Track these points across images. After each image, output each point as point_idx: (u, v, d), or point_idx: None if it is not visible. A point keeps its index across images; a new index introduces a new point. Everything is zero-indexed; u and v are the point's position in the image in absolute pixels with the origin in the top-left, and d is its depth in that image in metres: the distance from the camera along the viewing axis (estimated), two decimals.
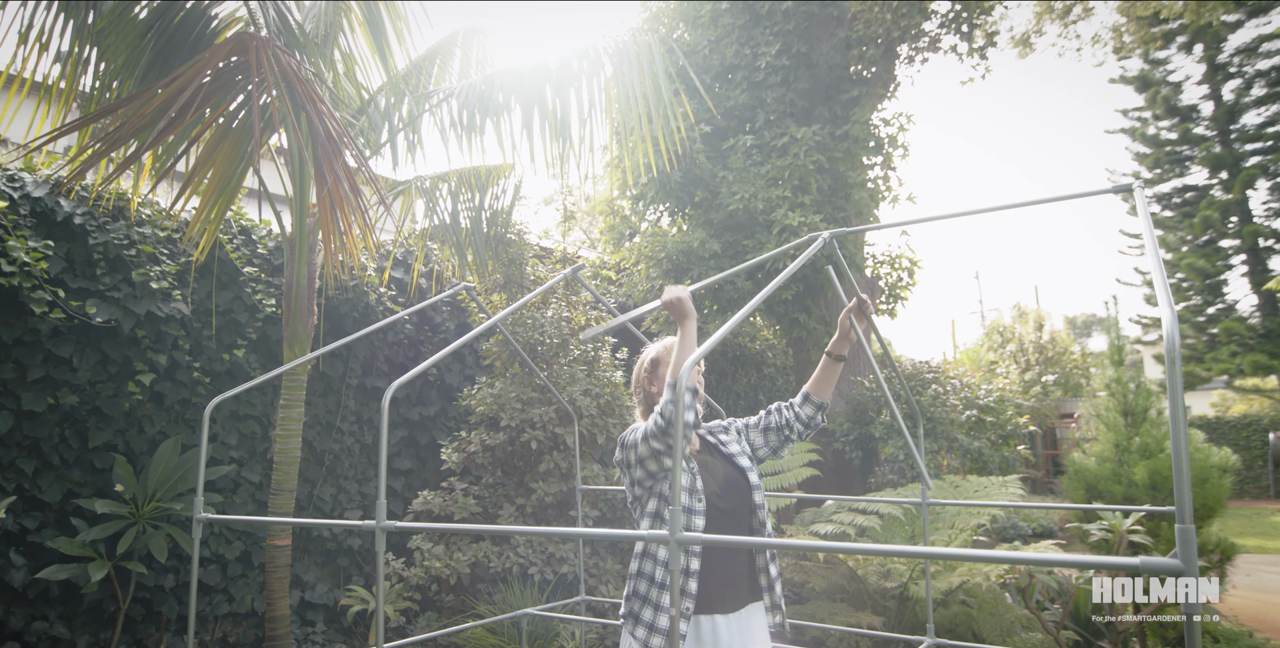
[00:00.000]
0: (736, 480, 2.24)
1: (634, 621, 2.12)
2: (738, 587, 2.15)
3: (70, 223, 4.25)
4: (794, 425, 2.37)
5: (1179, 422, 1.30)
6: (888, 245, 8.92)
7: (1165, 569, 1.21)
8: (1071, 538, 7.22)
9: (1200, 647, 1.26)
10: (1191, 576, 1.19)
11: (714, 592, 2.10)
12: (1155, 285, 1.57)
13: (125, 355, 4.37)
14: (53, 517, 4.13)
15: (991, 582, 4.39)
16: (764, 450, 2.40)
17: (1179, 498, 1.26)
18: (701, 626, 2.07)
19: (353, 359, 5.54)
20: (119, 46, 3.54)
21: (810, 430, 2.38)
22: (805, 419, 2.36)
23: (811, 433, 2.39)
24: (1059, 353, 17.96)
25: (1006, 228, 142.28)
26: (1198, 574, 1.20)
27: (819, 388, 2.36)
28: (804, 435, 2.39)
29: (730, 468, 2.27)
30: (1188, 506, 1.25)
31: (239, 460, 4.87)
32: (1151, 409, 5.55)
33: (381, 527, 2.08)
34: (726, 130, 8.06)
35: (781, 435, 2.38)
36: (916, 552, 1.49)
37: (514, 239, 5.44)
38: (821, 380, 2.36)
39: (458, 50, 4.98)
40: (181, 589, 4.48)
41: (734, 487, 2.23)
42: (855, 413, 7.90)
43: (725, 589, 2.12)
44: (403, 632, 4.95)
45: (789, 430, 2.38)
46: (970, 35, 8.77)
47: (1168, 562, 1.21)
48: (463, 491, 5.08)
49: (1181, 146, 22.49)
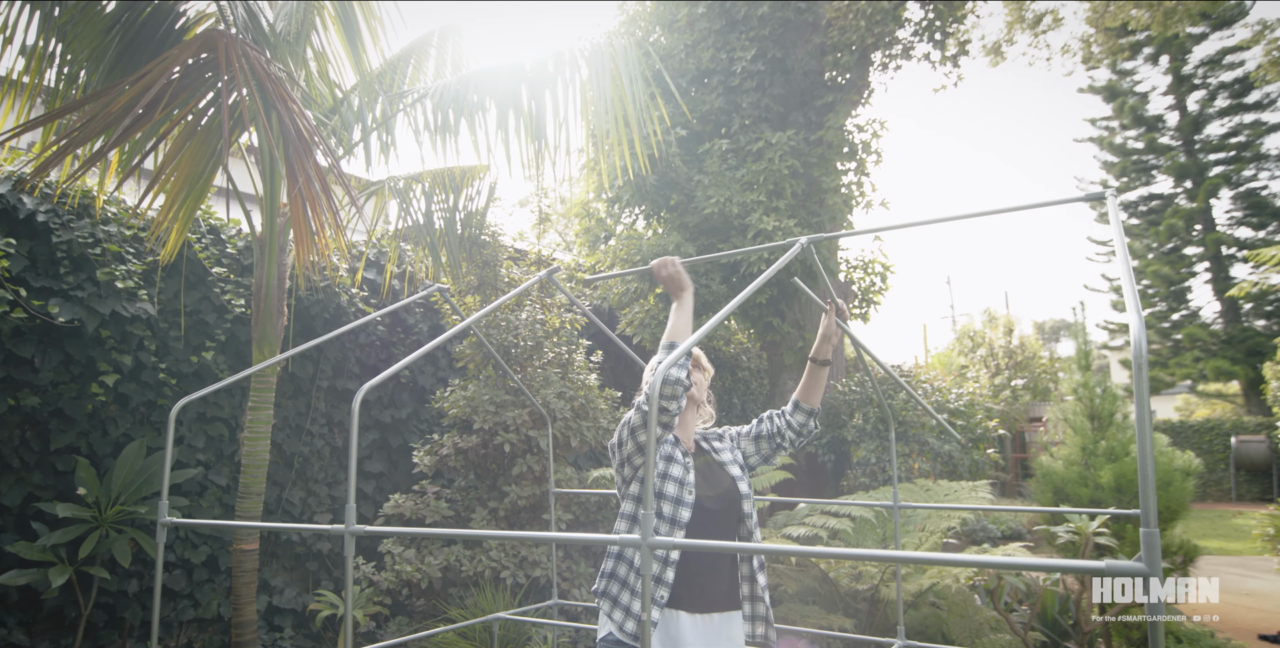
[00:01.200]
0: (728, 487, 2.25)
1: (611, 602, 2.15)
2: (712, 590, 2.15)
3: (33, 220, 4.16)
4: (785, 433, 2.38)
5: (1144, 426, 1.32)
6: (861, 250, 9.01)
7: (1130, 572, 1.22)
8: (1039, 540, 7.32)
9: (1163, 647, 1.27)
10: (1156, 578, 1.21)
11: (684, 590, 2.11)
12: (1124, 292, 1.59)
13: (89, 356, 4.28)
14: (12, 521, 4.03)
15: (961, 584, 4.44)
16: (755, 458, 2.41)
17: (1144, 502, 1.27)
18: (667, 619, 2.09)
19: (324, 361, 5.47)
20: (84, 41, 3.48)
21: (803, 438, 2.39)
22: (797, 427, 2.37)
23: (804, 441, 2.40)
24: (1028, 358, 18.21)
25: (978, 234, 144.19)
26: (1162, 577, 1.22)
27: (807, 395, 2.38)
28: (796, 443, 2.39)
29: (723, 475, 2.29)
30: (1152, 509, 1.26)
31: (206, 463, 4.79)
32: (1117, 414, 5.64)
33: (351, 531, 2.05)
34: (702, 134, 8.09)
35: (773, 443, 2.40)
36: (888, 556, 1.49)
37: (488, 241, 5.41)
38: (809, 387, 2.38)
39: (433, 50, 4.94)
40: (145, 595, 4.39)
41: (725, 492, 2.24)
42: (828, 416, 7.95)
43: (696, 590, 2.13)
44: (373, 637, 4.90)
45: (780, 438, 2.39)
46: (943, 43, 8.88)
47: (1132, 565, 1.23)
48: (435, 494, 5.04)
49: (1148, 156, 22.95)
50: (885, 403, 3.68)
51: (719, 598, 2.16)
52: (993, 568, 4.21)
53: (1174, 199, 22.24)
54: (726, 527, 2.22)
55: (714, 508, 2.19)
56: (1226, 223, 21.45)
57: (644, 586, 1.60)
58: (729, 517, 2.22)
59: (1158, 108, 22.57)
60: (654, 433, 1.66)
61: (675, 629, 2.09)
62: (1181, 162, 21.46)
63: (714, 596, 2.15)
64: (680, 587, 2.11)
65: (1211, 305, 21.92)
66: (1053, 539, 4.60)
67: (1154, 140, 22.40)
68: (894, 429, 3.56)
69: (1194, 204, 21.29)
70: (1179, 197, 22.11)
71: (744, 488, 2.26)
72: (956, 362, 18.74)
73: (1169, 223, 21.17)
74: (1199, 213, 21.23)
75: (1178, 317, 22.12)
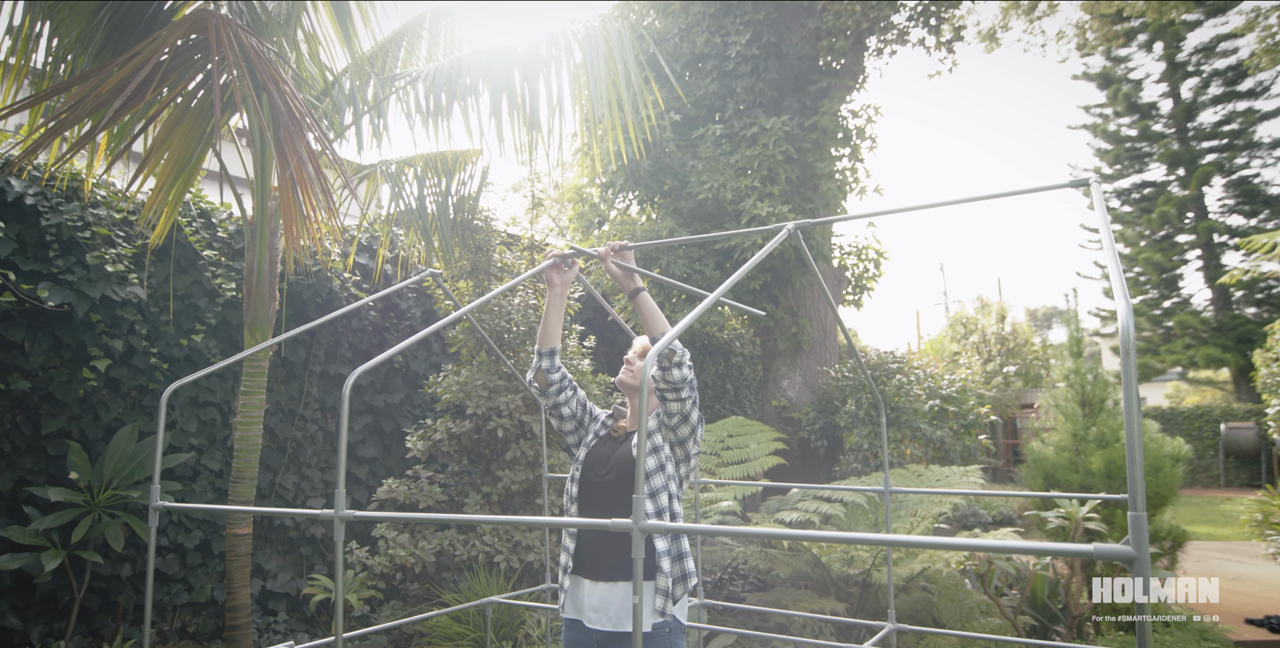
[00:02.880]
0: (618, 461, 2.32)
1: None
2: (607, 560, 2.23)
3: (21, 203, 4.12)
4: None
5: (1133, 412, 1.32)
6: (854, 236, 9.00)
7: (1118, 555, 1.23)
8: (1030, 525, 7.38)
9: (1149, 632, 1.29)
10: (1143, 562, 1.22)
11: (585, 558, 2.28)
12: (1111, 278, 1.60)
13: (79, 340, 4.26)
14: (4, 505, 4.03)
15: (952, 568, 4.47)
16: (663, 417, 2.30)
17: (1132, 486, 1.28)
18: (573, 585, 2.29)
19: (316, 346, 5.46)
20: (72, 22, 3.43)
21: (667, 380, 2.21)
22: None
23: (668, 380, 2.20)
24: (1020, 344, 18.27)
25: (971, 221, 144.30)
26: (1149, 560, 1.23)
27: (647, 327, 2.37)
28: (664, 389, 2.23)
29: (620, 450, 2.36)
30: (1141, 494, 1.27)
31: (198, 448, 4.79)
32: (1108, 400, 5.67)
33: (341, 516, 2.05)
34: (696, 119, 8.05)
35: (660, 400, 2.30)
36: (879, 539, 1.50)
37: (481, 225, 5.39)
38: (644, 320, 2.37)
39: (425, 33, 4.89)
40: (139, 579, 4.40)
41: (614, 465, 2.32)
42: (821, 402, 7.98)
43: (595, 558, 2.26)
44: (367, 621, 4.92)
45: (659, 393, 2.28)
46: (938, 29, 8.84)
47: (1120, 548, 1.23)
48: (428, 479, 5.05)
49: (1141, 143, 22.95)
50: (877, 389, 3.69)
51: (614, 568, 2.22)
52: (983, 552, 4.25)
53: (1166, 187, 22.27)
54: (621, 499, 2.24)
55: (602, 481, 2.30)
56: (1219, 211, 21.50)
57: (635, 570, 1.60)
58: (621, 489, 2.27)
59: (1151, 95, 22.54)
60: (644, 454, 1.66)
61: (577, 593, 2.27)
62: (1174, 149, 21.47)
63: (610, 565, 2.23)
64: (581, 554, 2.28)
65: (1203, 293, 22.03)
66: (1043, 524, 4.63)
67: (1147, 128, 22.40)
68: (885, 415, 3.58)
69: (1186, 192, 21.33)
70: (1171, 184, 22.14)
71: (649, 462, 2.24)
72: (949, 348, 18.81)
73: (1161, 210, 21.21)
74: (1191, 201, 21.28)
75: (1169, 304, 22.22)
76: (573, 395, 2.52)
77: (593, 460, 2.37)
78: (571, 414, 2.50)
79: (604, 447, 2.41)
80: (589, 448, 2.42)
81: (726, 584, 5.72)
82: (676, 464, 2.31)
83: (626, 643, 2.17)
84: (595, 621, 2.21)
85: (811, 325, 8.27)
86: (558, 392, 2.48)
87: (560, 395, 2.48)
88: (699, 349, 9.66)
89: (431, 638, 4.46)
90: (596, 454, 2.39)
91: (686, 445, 2.29)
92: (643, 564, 2.09)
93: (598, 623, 2.20)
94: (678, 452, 2.30)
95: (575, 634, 2.28)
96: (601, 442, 2.44)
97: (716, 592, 5.52)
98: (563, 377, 2.49)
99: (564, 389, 2.49)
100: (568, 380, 2.51)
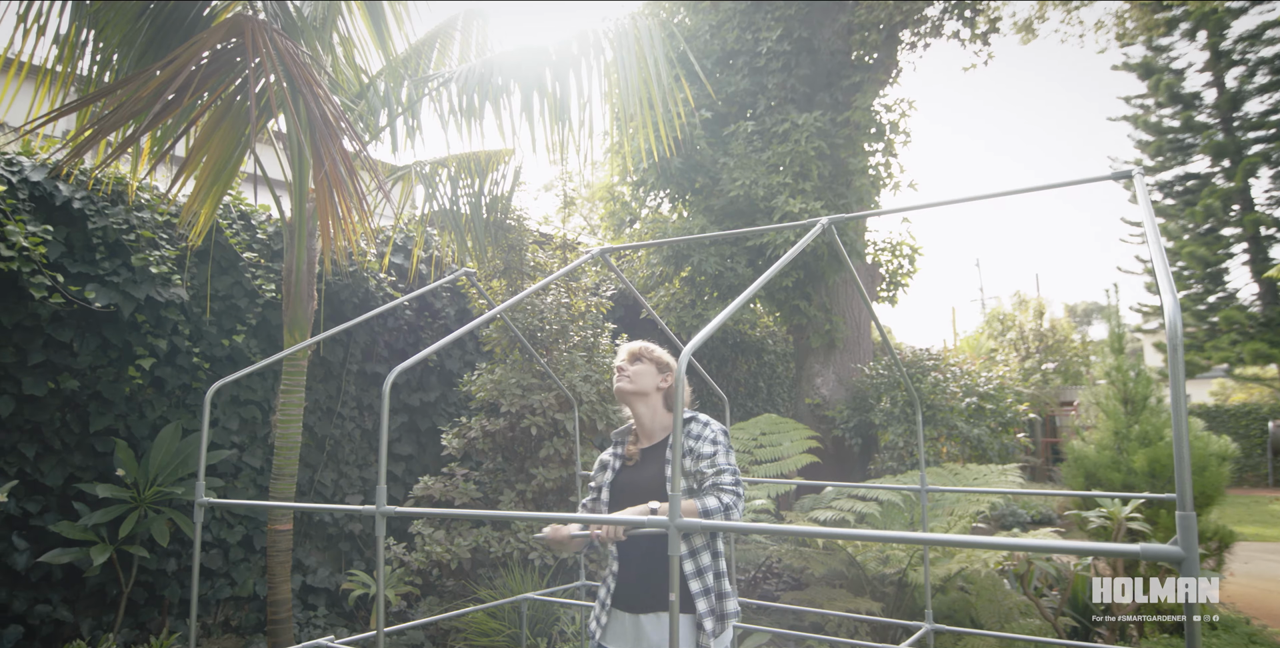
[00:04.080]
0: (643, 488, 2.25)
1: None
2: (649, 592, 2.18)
3: (69, 207, 4.23)
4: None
5: (1180, 409, 1.29)
6: (889, 232, 8.92)
7: (1165, 556, 1.21)
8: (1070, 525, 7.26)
9: (1199, 634, 1.26)
10: (1192, 562, 1.19)
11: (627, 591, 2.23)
12: (1156, 273, 1.56)
13: (125, 340, 4.36)
14: (55, 501, 4.14)
15: (990, 568, 4.41)
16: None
17: (1180, 485, 1.26)
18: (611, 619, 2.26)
19: (353, 345, 5.53)
20: (115, 28, 3.52)
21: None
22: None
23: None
24: (1059, 341, 17.96)
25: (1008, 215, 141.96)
26: (1198, 561, 1.20)
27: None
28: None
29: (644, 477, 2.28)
30: (1188, 492, 1.25)
31: (240, 445, 4.88)
32: (1151, 397, 5.55)
33: (382, 512, 2.08)
34: (727, 116, 8.02)
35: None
36: (915, 538, 1.49)
37: (514, 225, 5.42)
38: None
39: (457, 34, 4.94)
40: (183, 573, 4.49)
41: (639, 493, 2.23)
42: (855, 400, 7.91)
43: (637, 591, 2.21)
44: (404, 616, 4.98)
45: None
46: (973, 21, 8.71)
47: (1168, 549, 1.21)
48: (463, 476, 5.10)
49: (1184, 134, 22.38)
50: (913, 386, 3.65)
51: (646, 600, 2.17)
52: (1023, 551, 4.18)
53: (1211, 179, 21.68)
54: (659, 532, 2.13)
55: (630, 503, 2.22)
56: (1266, 203, 20.88)
57: (671, 567, 1.61)
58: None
59: (1195, 85, 21.93)
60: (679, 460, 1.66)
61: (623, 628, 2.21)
62: (1219, 140, 20.91)
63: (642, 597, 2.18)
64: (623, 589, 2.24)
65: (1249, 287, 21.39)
66: (1084, 524, 4.55)
67: (1190, 118, 21.83)
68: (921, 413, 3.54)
69: (1232, 184, 20.75)
70: (1216, 176, 21.55)
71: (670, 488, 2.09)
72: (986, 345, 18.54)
73: (1206, 203, 20.67)
74: (1237, 193, 20.70)
75: (1214, 299, 21.64)
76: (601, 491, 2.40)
77: (618, 493, 2.30)
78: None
79: (625, 476, 2.33)
80: (609, 486, 2.34)
81: (760, 583, 5.70)
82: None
83: None
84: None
85: (845, 323, 8.20)
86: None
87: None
88: (731, 346, 9.63)
89: (468, 634, 4.50)
90: (621, 486, 2.31)
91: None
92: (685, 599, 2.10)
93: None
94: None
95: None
96: (620, 473, 2.36)
97: (750, 590, 5.50)
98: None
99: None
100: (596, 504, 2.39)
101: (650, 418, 2.35)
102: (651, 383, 2.34)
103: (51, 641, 4.05)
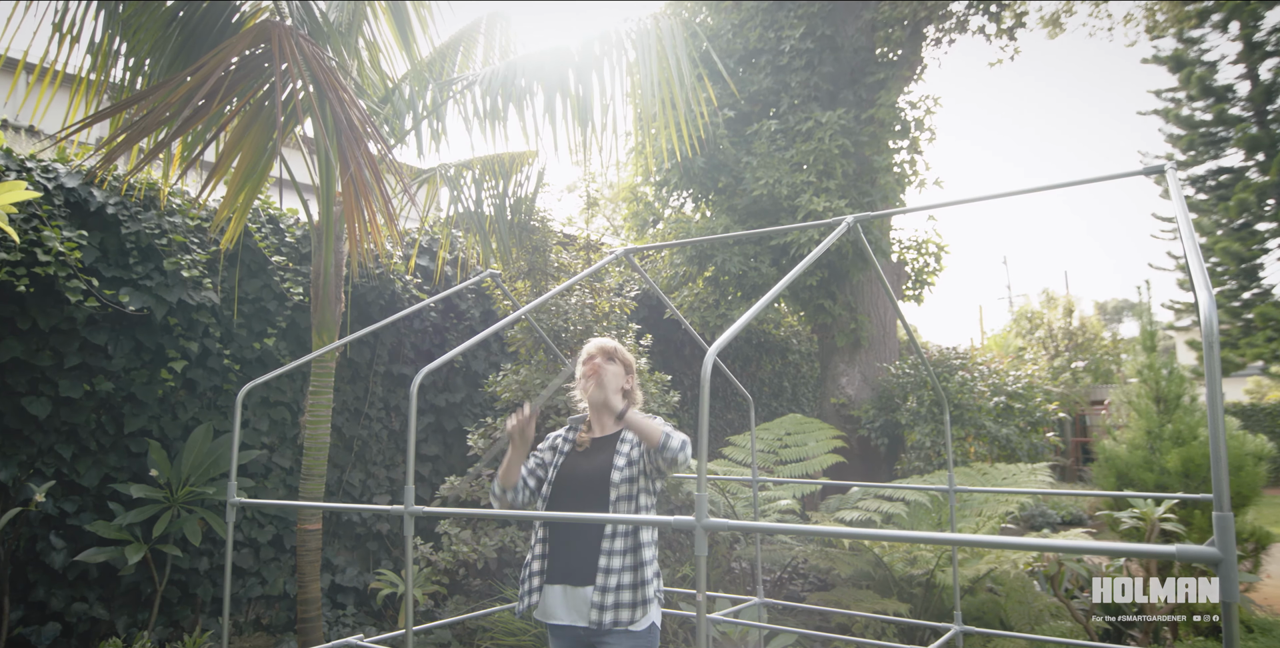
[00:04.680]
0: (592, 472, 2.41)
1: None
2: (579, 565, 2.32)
3: (103, 212, 4.32)
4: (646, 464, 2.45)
5: (1216, 407, 1.27)
6: (914, 230, 8.86)
7: (1202, 557, 1.19)
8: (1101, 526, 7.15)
9: (1238, 637, 1.24)
10: (1230, 564, 1.17)
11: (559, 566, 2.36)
12: (1191, 270, 1.54)
13: (158, 343, 4.44)
14: (91, 501, 4.22)
15: (1019, 570, 4.36)
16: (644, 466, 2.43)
17: (1216, 485, 1.23)
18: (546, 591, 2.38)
19: (379, 346, 5.58)
20: (146, 34, 3.58)
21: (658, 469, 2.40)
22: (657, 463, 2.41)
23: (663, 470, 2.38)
24: (1089, 339, 17.70)
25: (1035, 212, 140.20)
26: (1235, 562, 1.18)
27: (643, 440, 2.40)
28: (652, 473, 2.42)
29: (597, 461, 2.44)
30: (1225, 492, 1.22)
31: (270, 446, 4.94)
32: (1184, 396, 5.46)
33: (410, 512, 2.10)
34: (750, 115, 8.00)
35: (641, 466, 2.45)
36: (943, 538, 1.47)
37: (538, 226, 5.44)
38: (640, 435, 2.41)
39: (480, 37, 4.97)
40: (215, 572, 4.56)
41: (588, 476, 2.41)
42: (881, 399, 7.85)
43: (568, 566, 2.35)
44: (431, 615, 5.02)
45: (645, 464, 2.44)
46: (999, 16, 8.61)
47: (1205, 550, 1.19)
48: (489, 476, 5.12)
49: (1216, 128, 21.96)
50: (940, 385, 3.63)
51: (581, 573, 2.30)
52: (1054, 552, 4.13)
53: (1245, 173, 21.25)
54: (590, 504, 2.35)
55: (575, 488, 2.40)
56: None
57: (697, 567, 1.61)
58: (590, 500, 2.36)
59: (1227, 77, 21.49)
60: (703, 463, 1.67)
61: (555, 599, 2.33)
62: (1253, 133, 20.48)
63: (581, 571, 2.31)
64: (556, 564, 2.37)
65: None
66: (1116, 525, 4.48)
67: (1223, 112, 21.41)
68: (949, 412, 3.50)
69: (1266, 177, 20.33)
70: (1250, 170, 21.12)
71: (615, 476, 2.36)
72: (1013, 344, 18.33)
73: (1239, 198, 20.28)
74: (1272, 187, 20.27)
75: (1249, 295, 21.21)
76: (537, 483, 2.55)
77: (565, 476, 2.46)
78: (539, 481, 2.55)
79: (573, 461, 2.49)
80: (557, 468, 2.50)
81: (786, 584, 5.68)
82: (650, 480, 2.41)
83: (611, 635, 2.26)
84: (569, 620, 2.31)
85: (870, 321, 8.14)
86: (528, 500, 2.55)
87: (526, 494, 2.54)
88: (755, 346, 9.60)
89: (494, 634, 4.53)
90: (568, 470, 2.47)
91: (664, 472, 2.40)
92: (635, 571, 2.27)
93: (575, 621, 2.30)
94: (653, 473, 2.42)
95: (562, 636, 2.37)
96: (569, 458, 2.51)
97: (776, 591, 5.48)
98: (518, 492, 2.52)
99: (523, 490, 2.53)
100: (523, 483, 2.54)
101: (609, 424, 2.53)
102: (618, 384, 2.53)
103: (88, 638, 4.13)
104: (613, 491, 2.34)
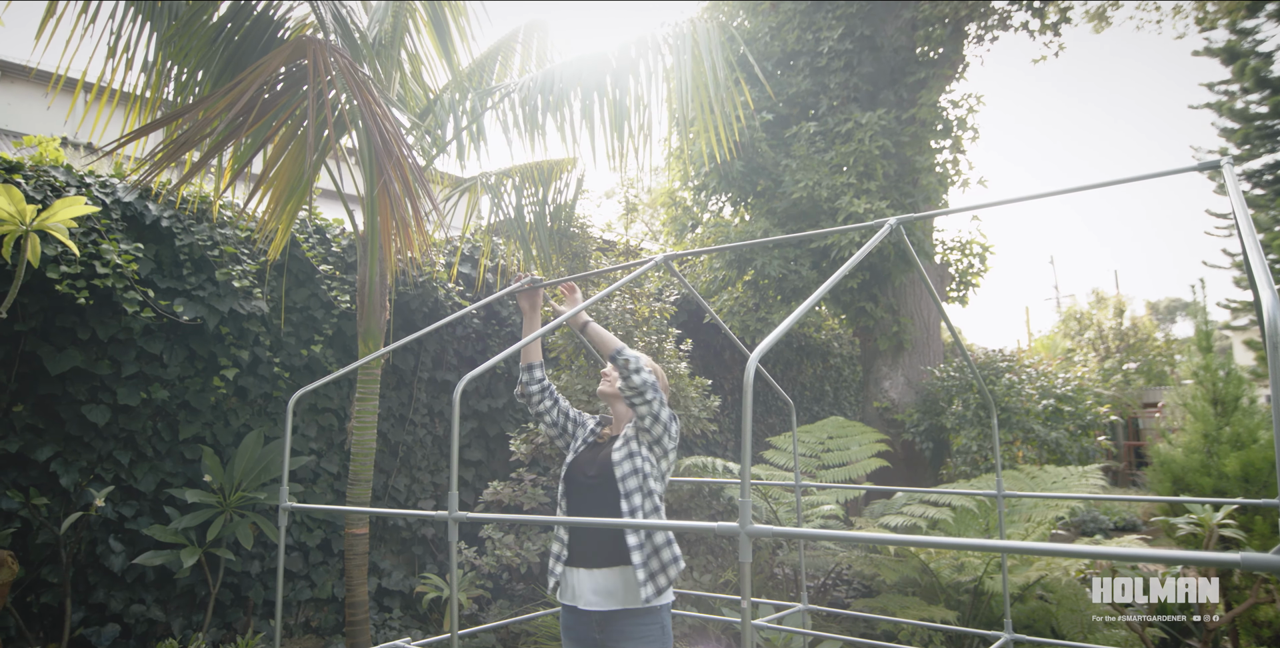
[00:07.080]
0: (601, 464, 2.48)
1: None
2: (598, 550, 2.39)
3: (158, 225, 4.45)
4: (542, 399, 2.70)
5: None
6: (958, 231, 8.76)
7: (1269, 566, 1.15)
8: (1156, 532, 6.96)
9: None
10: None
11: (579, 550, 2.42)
12: (1251, 267, 1.49)
13: (210, 352, 4.56)
14: (148, 505, 4.35)
15: (1071, 577, 4.26)
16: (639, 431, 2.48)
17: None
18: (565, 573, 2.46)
19: (423, 353, 5.66)
20: (194, 52, 3.68)
21: (631, 386, 2.41)
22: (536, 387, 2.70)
23: (634, 391, 2.40)
24: (1141, 340, 17.23)
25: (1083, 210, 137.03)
26: None
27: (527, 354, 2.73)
28: (630, 396, 2.43)
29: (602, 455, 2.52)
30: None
31: (318, 452, 5.04)
32: (1243, 398, 5.29)
33: (454, 517, 2.13)
34: (789, 118, 7.96)
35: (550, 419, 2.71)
36: (992, 545, 1.45)
37: (577, 233, 5.48)
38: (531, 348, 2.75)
39: (518, 46, 5.02)
40: (267, 575, 4.66)
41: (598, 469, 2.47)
42: (925, 403, 7.73)
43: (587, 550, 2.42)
44: (475, 619, 5.07)
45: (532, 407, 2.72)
46: (1042, 11, 8.46)
47: (1272, 558, 1.15)
48: (531, 481, 5.16)
49: (1273, 120, 21.22)
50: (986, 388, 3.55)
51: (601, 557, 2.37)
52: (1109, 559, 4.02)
53: None
54: (605, 498, 2.41)
55: (591, 483, 2.45)
56: None
57: (741, 574, 1.60)
58: (605, 490, 2.41)
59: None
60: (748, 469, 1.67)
61: (575, 581, 2.40)
62: None
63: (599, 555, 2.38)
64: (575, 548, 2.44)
65: None
66: (1172, 531, 4.36)
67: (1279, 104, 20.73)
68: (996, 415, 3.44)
69: None
70: None
71: (621, 470, 2.42)
72: (1062, 345, 17.92)
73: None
74: None
75: None
76: (553, 405, 2.70)
77: (579, 463, 2.54)
78: (554, 422, 2.70)
79: (590, 452, 2.57)
80: (576, 453, 2.59)
81: (830, 590, 5.62)
82: (656, 461, 2.46)
83: (622, 620, 2.33)
84: (594, 603, 2.36)
85: (913, 324, 8.03)
86: (539, 403, 2.69)
87: (541, 405, 2.68)
88: (796, 350, 9.53)
89: (538, 638, 4.55)
90: (583, 458, 2.56)
91: (663, 442, 2.45)
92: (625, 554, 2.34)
93: (595, 605, 2.35)
94: (655, 450, 2.46)
95: (573, 617, 2.45)
96: (589, 447, 2.60)
97: (820, 597, 5.43)
98: (542, 389, 2.69)
99: (544, 400, 2.69)
100: (548, 392, 2.70)
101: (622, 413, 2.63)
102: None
103: (145, 639, 4.25)
104: (616, 469, 2.41)
